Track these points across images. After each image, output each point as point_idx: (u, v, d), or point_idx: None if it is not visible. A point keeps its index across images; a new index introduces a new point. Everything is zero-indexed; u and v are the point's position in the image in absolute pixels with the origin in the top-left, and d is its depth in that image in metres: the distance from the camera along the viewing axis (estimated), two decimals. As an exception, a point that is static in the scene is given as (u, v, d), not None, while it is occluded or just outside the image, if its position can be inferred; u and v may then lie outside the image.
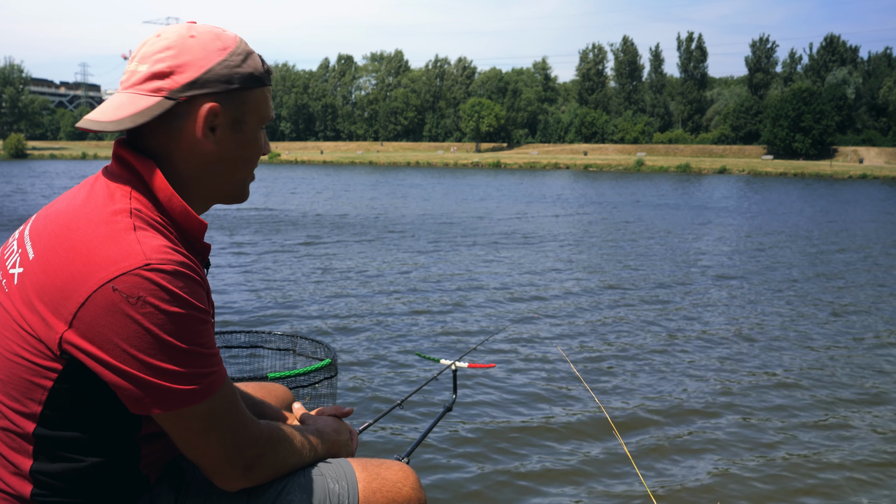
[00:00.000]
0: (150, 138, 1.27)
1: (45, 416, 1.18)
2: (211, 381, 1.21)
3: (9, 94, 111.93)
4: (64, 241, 1.17)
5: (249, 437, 1.29)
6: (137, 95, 1.24)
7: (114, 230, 1.17)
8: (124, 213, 1.20)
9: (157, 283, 1.13)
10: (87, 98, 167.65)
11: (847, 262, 12.77)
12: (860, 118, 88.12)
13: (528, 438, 4.56)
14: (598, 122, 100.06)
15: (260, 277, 10.07)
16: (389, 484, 1.48)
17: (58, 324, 1.14)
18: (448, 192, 33.34)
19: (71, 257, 1.15)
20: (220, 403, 1.23)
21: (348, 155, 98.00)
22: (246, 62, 1.31)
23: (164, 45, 1.26)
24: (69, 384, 1.17)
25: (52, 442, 1.20)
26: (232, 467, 1.27)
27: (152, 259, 1.14)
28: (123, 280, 1.12)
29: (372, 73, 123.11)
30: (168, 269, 1.15)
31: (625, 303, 8.82)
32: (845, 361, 6.37)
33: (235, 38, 1.32)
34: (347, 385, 5.38)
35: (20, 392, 1.18)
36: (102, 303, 1.12)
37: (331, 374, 2.55)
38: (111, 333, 1.12)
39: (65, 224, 1.20)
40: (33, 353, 1.16)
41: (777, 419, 4.96)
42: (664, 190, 38.58)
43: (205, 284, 1.25)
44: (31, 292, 1.17)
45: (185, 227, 1.29)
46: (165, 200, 1.26)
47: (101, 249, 1.14)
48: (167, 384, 1.16)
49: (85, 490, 1.23)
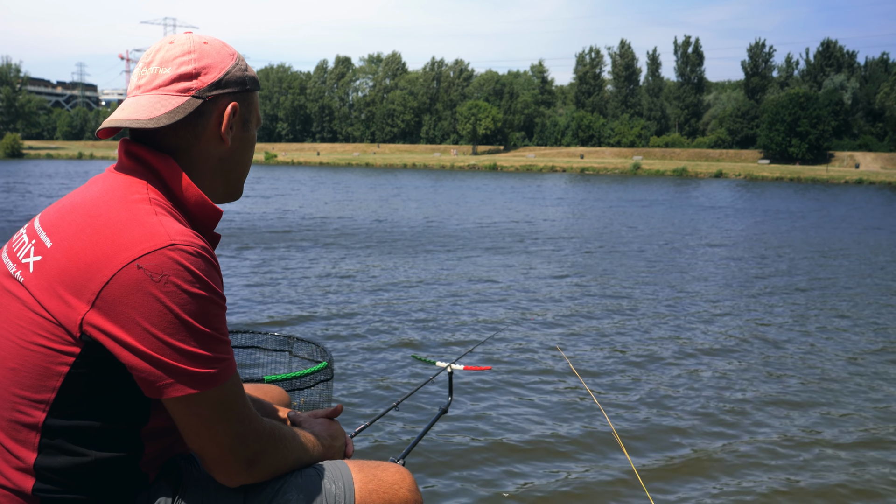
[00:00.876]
0: (172, 136, 1.34)
1: (58, 405, 1.20)
2: (225, 366, 1.24)
3: (5, 94, 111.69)
4: (86, 226, 1.21)
5: (254, 431, 1.31)
6: (167, 96, 1.32)
7: (137, 214, 1.22)
8: (145, 200, 1.25)
9: (181, 263, 1.17)
10: (84, 98, 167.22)
11: (852, 270, 12.81)
12: (856, 123, 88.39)
13: (523, 441, 4.57)
14: (594, 125, 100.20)
15: (257, 278, 10.07)
16: (386, 485, 1.49)
17: (80, 305, 1.16)
18: (446, 195, 33.35)
19: (95, 240, 1.18)
20: (231, 392, 1.26)
21: (345, 157, 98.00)
22: (248, 68, 1.43)
23: (184, 49, 1.35)
24: (86, 368, 1.19)
25: (60, 433, 1.21)
26: (235, 460, 1.29)
27: (176, 240, 1.19)
28: (148, 259, 1.15)
29: (369, 75, 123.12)
30: (191, 251, 1.19)
31: (623, 305, 8.84)
32: (855, 370, 6.39)
33: (233, 48, 1.44)
34: (343, 387, 5.39)
35: (35, 380, 1.20)
36: (127, 281, 1.15)
37: (327, 377, 2.56)
38: (133, 312, 1.15)
39: (85, 212, 1.24)
40: (51, 339, 1.18)
41: (784, 425, 4.97)
42: (661, 193, 38.64)
43: (220, 272, 1.29)
44: (51, 277, 1.19)
45: (199, 217, 1.36)
46: (182, 190, 1.32)
47: (126, 230, 1.18)
48: (183, 366, 1.18)
49: (86, 486, 1.24)
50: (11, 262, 1.29)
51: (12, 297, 1.24)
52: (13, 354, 1.22)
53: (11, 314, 1.23)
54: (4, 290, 1.26)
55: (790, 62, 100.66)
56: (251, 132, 1.44)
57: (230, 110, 1.36)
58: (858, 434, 4.81)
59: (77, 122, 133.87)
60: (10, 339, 1.23)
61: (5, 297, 1.26)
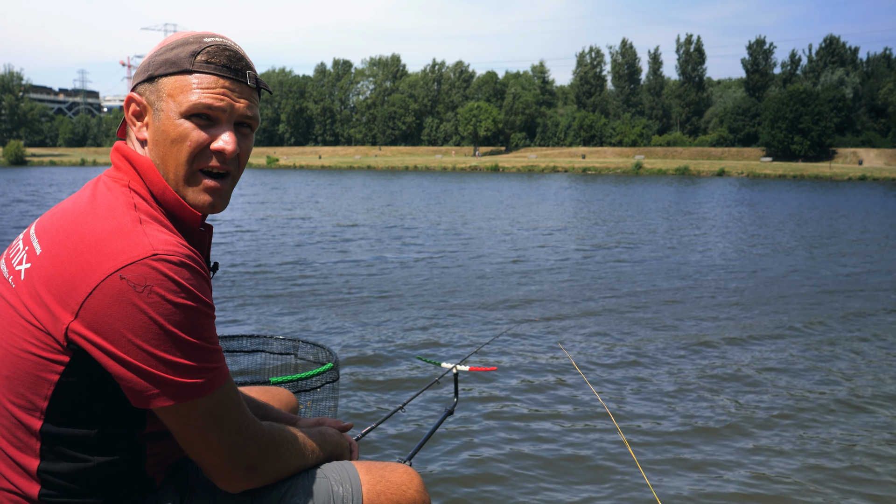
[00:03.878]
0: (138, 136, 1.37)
1: (51, 412, 1.19)
2: (213, 376, 1.22)
3: (8, 101, 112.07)
4: (72, 234, 1.20)
5: (251, 437, 1.29)
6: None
7: (121, 223, 1.20)
8: (129, 207, 1.24)
9: (164, 273, 1.16)
10: (86, 104, 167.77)
11: (861, 264, 12.78)
12: (859, 119, 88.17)
13: (529, 441, 4.56)
14: (596, 125, 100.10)
15: (259, 279, 10.06)
16: (394, 486, 1.48)
17: (64, 314, 1.15)
18: (448, 196, 33.34)
19: (80, 249, 1.17)
20: (222, 400, 1.24)
21: (346, 159, 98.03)
22: (174, 50, 1.31)
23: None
24: (75, 377, 1.18)
25: (59, 439, 1.21)
26: (233, 467, 1.28)
27: (159, 250, 1.17)
28: (131, 269, 1.14)
29: (370, 78, 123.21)
30: (175, 261, 1.17)
31: (627, 305, 8.82)
32: (867, 369, 6.38)
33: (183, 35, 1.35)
34: (349, 389, 5.38)
35: (26, 388, 1.19)
36: (110, 292, 1.14)
37: (333, 378, 2.56)
38: (117, 323, 1.14)
39: (72, 220, 1.23)
40: (40, 347, 1.18)
41: (792, 426, 4.96)
42: (664, 192, 38.59)
43: (208, 280, 1.27)
44: (38, 285, 1.19)
45: (180, 218, 1.33)
46: (161, 192, 1.31)
47: (109, 241, 1.17)
48: (169, 376, 1.17)
49: (92, 491, 1.24)
50: (7, 268, 1.29)
51: (6, 305, 1.24)
52: (6, 362, 1.21)
53: (4, 321, 1.23)
54: (0, 297, 1.26)
55: (793, 59, 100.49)
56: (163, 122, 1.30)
57: (126, 103, 1.37)
58: (874, 428, 4.81)
59: (79, 128, 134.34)
60: (3, 347, 1.22)
61: (1, 304, 1.25)
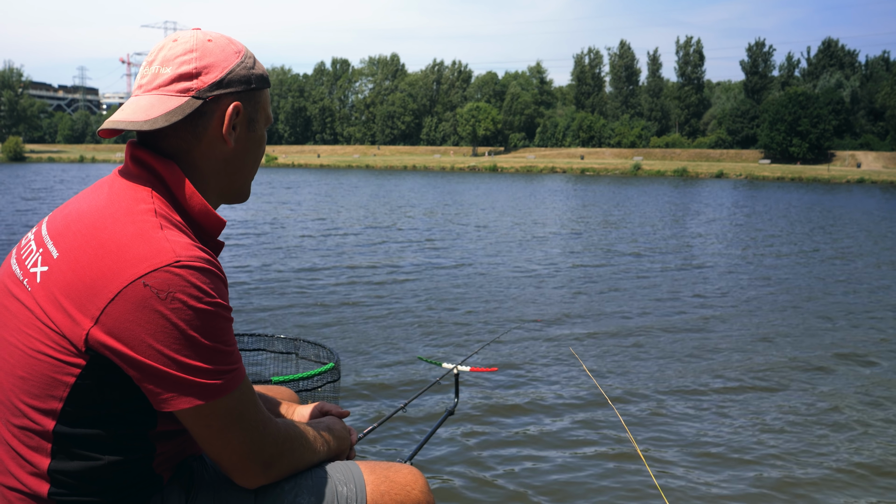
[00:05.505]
0: (172, 138, 1.30)
1: (66, 413, 1.20)
2: (232, 377, 1.23)
3: (7, 98, 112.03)
4: (91, 239, 1.19)
5: (268, 435, 1.31)
6: (166, 96, 1.28)
7: (142, 228, 1.19)
8: (150, 212, 1.23)
9: (187, 279, 1.16)
10: (85, 101, 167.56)
11: (856, 262, 12.80)
12: (858, 122, 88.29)
13: (530, 442, 4.56)
14: (595, 126, 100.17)
15: (261, 280, 10.06)
16: (398, 487, 1.48)
17: (84, 320, 1.15)
18: (448, 196, 33.34)
19: (100, 255, 1.17)
20: (241, 400, 1.25)
21: (345, 159, 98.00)
22: (256, 65, 1.39)
23: (185, 48, 1.31)
24: (92, 380, 1.18)
25: (71, 440, 1.21)
26: (252, 464, 1.29)
27: (182, 256, 1.17)
28: (154, 276, 1.14)
29: (368, 77, 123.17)
30: (197, 266, 1.18)
31: (628, 305, 8.82)
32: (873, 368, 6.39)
33: (242, 44, 1.40)
34: (350, 389, 5.38)
35: (42, 389, 1.20)
36: (133, 298, 1.14)
37: (334, 378, 2.55)
38: (139, 329, 1.14)
39: (90, 223, 1.22)
40: (57, 350, 1.18)
41: (799, 428, 4.96)
42: (663, 193, 38.61)
43: (226, 283, 1.27)
44: (56, 290, 1.18)
45: (203, 226, 1.33)
46: (186, 199, 1.30)
47: (131, 247, 1.17)
48: (191, 379, 1.18)
49: (101, 489, 1.24)
50: (20, 269, 1.27)
51: (21, 306, 1.23)
52: (22, 363, 1.21)
53: (20, 322, 1.23)
54: (14, 298, 1.25)
55: (791, 61, 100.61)
56: (258, 132, 1.40)
57: (231, 110, 1.32)
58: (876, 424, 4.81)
59: (78, 125, 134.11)
60: (18, 348, 1.22)
61: (15, 305, 1.25)
